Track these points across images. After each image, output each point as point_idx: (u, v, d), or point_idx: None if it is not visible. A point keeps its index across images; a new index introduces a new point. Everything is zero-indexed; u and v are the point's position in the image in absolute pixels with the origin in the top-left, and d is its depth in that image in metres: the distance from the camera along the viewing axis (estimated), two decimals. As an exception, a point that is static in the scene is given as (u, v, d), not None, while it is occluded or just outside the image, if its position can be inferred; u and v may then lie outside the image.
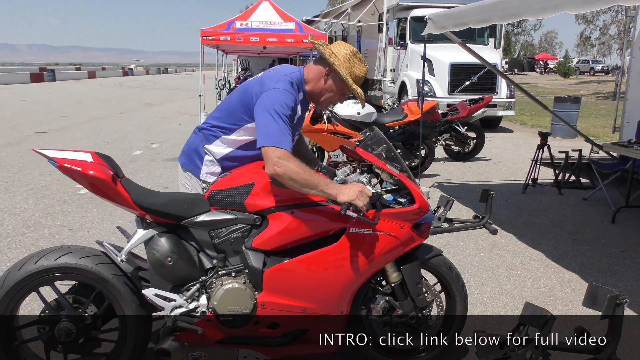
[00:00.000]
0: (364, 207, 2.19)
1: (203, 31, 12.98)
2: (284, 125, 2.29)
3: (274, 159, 2.21)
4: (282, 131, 2.28)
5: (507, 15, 4.57)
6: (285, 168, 2.19)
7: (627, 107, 7.24)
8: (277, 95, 2.35)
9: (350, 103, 7.17)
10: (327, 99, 2.57)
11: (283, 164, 2.20)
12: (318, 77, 2.53)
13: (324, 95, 2.55)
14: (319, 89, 2.54)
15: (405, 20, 13.38)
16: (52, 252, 2.38)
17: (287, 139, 2.29)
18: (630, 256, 4.62)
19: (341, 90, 2.54)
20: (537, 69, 58.07)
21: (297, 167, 2.21)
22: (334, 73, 2.49)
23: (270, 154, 2.22)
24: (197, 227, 2.41)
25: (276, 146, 2.23)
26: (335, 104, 2.63)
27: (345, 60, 2.47)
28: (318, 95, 2.56)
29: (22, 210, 5.64)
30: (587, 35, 39.83)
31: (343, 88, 2.53)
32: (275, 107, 2.31)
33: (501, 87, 12.36)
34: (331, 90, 2.53)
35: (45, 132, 11.58)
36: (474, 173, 8.02)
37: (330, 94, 2.55)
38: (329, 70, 2.50)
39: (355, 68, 2.49)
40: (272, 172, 2.23)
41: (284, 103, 2.34)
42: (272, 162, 2.21)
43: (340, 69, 2.45)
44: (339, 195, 2.21)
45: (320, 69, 2.52)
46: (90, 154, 2.40)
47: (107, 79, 46.21)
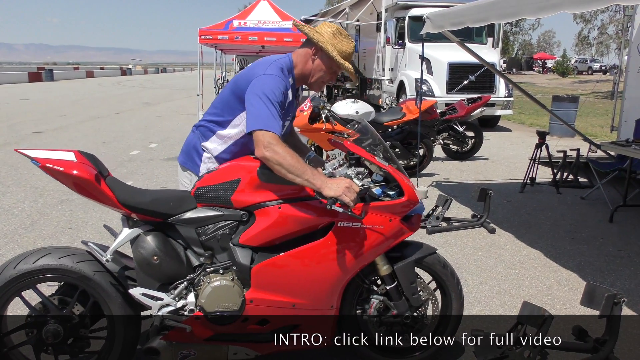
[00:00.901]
0: (351, 203, 2.17)
1: (201, 30, 12.96)
2: (274, 109, 2.29)
3: (263, 142, 2.20)
4: (272, 115, 2.27)
5: (505, 14, 4.56)
6: (274, 152, 2.19)
7: (625, 106, 7.23)
8: (267, 80, 2.35)
9: (348, 102, 7.17)
10: (318, 79, 2.55)
11: (272, 148, 2.19)
12: (306, 58, 2.52)
13: (314, 76, 2.54)
14: (308, 70, 2.53)
15: (403, 20, 13.38)
16: (31, 255, 2.35)
17: (277, 123, 2.28)
18: (627, 255, 4.61)
19: (330, 68, 2.53)
20: (535, 68, 58.05)
21: (286, 153, 2.20)
22: (321, 52, 2.48)
23: (260, 138, 2.22)
24: (183, 224, 2.38)
25: (266, 129, 2.22)
26: (326, 83, 2.60)
27: (330, 37, 2.46)
28: (308, 77, 2.55)
29: (20, 209, 5.63)
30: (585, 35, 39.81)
31: (331, 65, 2.51)
32: (266, 91, 2.30)
33: (499, 87, 12.36)
34: (320, 69, 2.52)
35: (43, 132, 11.55)
36: (472, 172, 8.02)
37: (320, 74, 2.54)
38: (316, 50, 2.49)
39: (341, 44, 2.48)
40: (260, 155, 2.22)
41: (275, 88, 2.33)
42: (262, 145, 2.21)
43: (325, 46, 2.44)
44: (324, 188, 2.18)
45: (307, 51, 2.52)
46: (73, 152, 2.37)
47: (105, 79, 46.17)
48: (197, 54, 13.91)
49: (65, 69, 52.77)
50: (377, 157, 2.42)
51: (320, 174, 2.26)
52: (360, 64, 17.63)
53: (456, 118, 8.35)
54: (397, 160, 2.52)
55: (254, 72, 2.42)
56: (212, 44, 14.29)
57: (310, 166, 2.28)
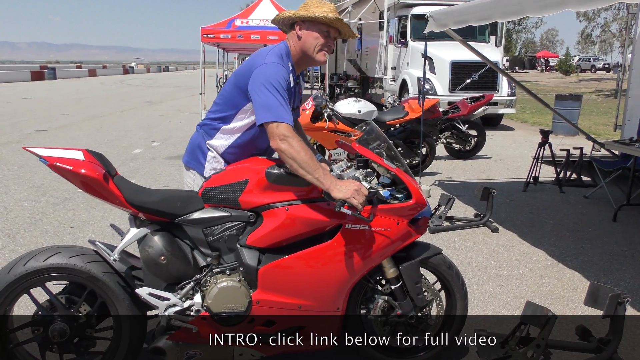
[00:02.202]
0: (359, 206, 2.16)
1: (204, 29, 12.95)
2: (281, 98, 2.28)
3: (279, 134, 2.22)
4: (281, 104, 2.26)
5: (509, 12, 4.55)
6: (290, 145, 2.20)
7: (629, 104, 7.21)
8: (270, 68, 2.33)
9: (350, 101, 7.15)
10: (315, 49, 2.48)
11: (288, 141, 2.20)
12: (294, 37, 2.50)
13: (310, 48, 2.47)
14: (300, 45, 2.48)
15: (406, 18, 13.36)
16: (41, 253, 2.35)
17: (287, 112, 2.27)
18: (631, 254, 4.60)
19: (321, 32, 2.45)
20: (538, 67, 57.97)
21: (301, 148, 2.20)
22: (302, 23, 2.45)
23: (275, 130, 2.23)
24: (190, 224, 2.38)
25: (279, 121, 2.23)
26: (328, 51, 2.51)
27: (303, 6, 2.46)
28: (305, 52, 2.49)
29: (23, 208, 5.63)
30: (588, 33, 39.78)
31: (320, 28, 2.45)
32: (271, 80, 2.29)
33: (502, 85, 12.33)
34: (312, 38, 2.46)
35: (46, 130, 11.57)
36: (475, 171, 8.00)
37: (314, 43, 2.46)
38: (298, 25, 2.46)
39: (317, 8, 2.43)
40: (276, 147, 2.23)
41: (279, 76, 2.32)
42: (277, 137, 2.22)
43: (301, 13, 2.43)
44: (333, 190, 2.18)
45: (292, 32, 2.50)
46: (82, 151, 2.37)
47: (108, 77, 46.22)
48: (199, 52, 13.91)
49: (67, 68, 52.81)
50: (385, 159, 2.41)
51: (331, 175, 2.26)
52: (363, 63, 17.62)
53: (459, 117, 8.33)
54: (404, 163, 2.51)
55: (254, 63, 2.41)
56: (214, 42, 14.29)
57: (322, 165, 2.28)
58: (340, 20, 2.45)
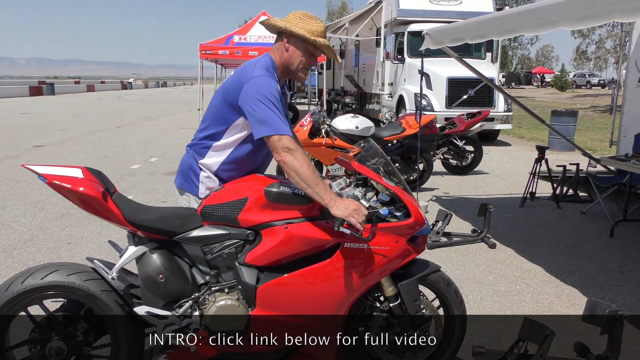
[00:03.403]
0: (358, 225, 2.17)
1: (202, 45, 13.05)
2: (277, 111, 2.31)
3: (282, 146, 2.26)
4: (278, 117, 2.30)
5: (504, 30, 4.60)
6: (294, 158, 2.25)
7: (624, 120, 7.26)
8: (261, 82, 2.36)
9: (348, 117, 7.19)
10: (298, 65, 2.52)
11: (292, 153, 2.25)
12: (281, 49, 2.52)
13: (294, 64, 2.51)
14: (286, 59, 2.51)
15: (402, 35, 13.49)
16: (39, 271, 2.34)
17: (286, 124, 2.31)
18: (629, 270, 4.61)
19: (307, 51, 2.50)
20: (534, 83, 58.39)
21: (304, 161, 2.25)
22: (292, 37, 2.48)
23: (277, 143, 2.27)
24: (189, 242, 2.38)
25: (280, 134, 2.26)
26: (309, 69, 2.58)
27: (297, 21, 2.47)
28: (289, 66, 2.53)
29: (20, 224, 5.62)
30: (583, 49, 40.13)
31: (307, 47, 2.49)
32: (265, 93, 2.31)
33: (498, 101, 12.42)
34: (297, 54, 2.49)
35: (44, 146, 11.58)
36: (472, 187, 8.03)
37: (298, 59, 2.50)
38: (287, 37, 2.49)
39: (310, 25, 2.46)
40: (280, 159, 2.28)
41: (271, 88, 2.35)
42: (281, 149, 2.26)
43: (293, 28, 2.44)
44: (332, 207, 2.20)
45: (280, 42, 2.52)
46: (81, 169, 2.37)
47: (106, 93, 46.34)
48: (197, 68, 14.01)
49: (66, 83, 52.98)
50: (384, 177, 2.42)
51: (331, 191, 2.28)
52: (360, 79, 17.74)
53: (456, 133, 8.37)
54: (403, 181, 2.52)
55: (242, 77, 2.42)
56: (212, 58, 14.39)
57: (323, 181, 2.30)
58: (328, 47, 2.51)
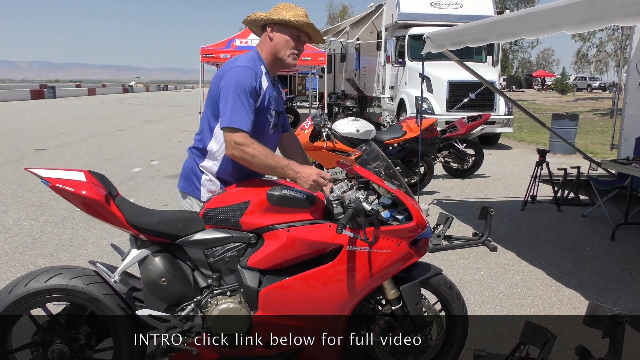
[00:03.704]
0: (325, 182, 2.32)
1: (203, 49, 13.08)
2: (239, 101, 2.35)
3: (231, 142, 2.35)
4: (237, 108, 2.34)
5: (505, 34, 4.61)
6: (242, 153, 2.33)
7: (625, 124, 7.26)
8: (234, 73, 2.41)
9: (349, 120, 7.21)
10: (286, 52, 2.54)
11: (240, 148, 2.33)
12: (265, 40, 2.56)
13: (280, 51, 2.53)
14: (272, 47, 2.54)
15: (403, 39, 13.52)
16: (42, 274, 2.34)
17: (247, 117, 2.35)
18: (630, 274, 4.60)
19: (292, 35, 2.52)
20: (535, 86, 58.42)
21: (255, 152, 2.33)
22: (274, 25, 2.51)
23: (227, 138, 2.35)
24: (191, 245, 2.38)
25: (233, 126, 2.33)
26: (298, 54, 2.58)
27: (278, 10, 2.51)
28: (276, 54, 2.55)
29: (21, 227, 5.63)
30: (584, 53, 40.16)
31: (291, 31, 2.51)
32: (232, 84, 2.37)
33: (499, 104, 12.43)
34: (281, 41, 2.52)
35: (45, 149, 11.60)
36: (473, 190, 8.03)
37: (285, 45, 2.52)
38: (270, 27, 2.52)
39: (290, 11, 2.49)
40: (229, 154, 2.39)
41: (241, 78, 2.38)
42: (230, 145, 2.35)
43: (272, 16, 2.48)
44: (297, 179, 2.36)
45: (264, 34, 2.56)
46: (83, 172, 2.38)
47: (107, 96, 46.38)
48: (198, 71, 14.03)
49: (67, 87, 53.07)
50: (386, 180, 2.43)
51: (291, 164, 2.39)
52: (361, 82, 17.76)
53: (456, 136, 8.39)
54: (405, 184, 2.53)
55: (221, 71, 2.48)
56: (213, 62, 14.41)
57: (282, 159, 2.42)
58: (311, 25, 2.52)
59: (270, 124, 2.56)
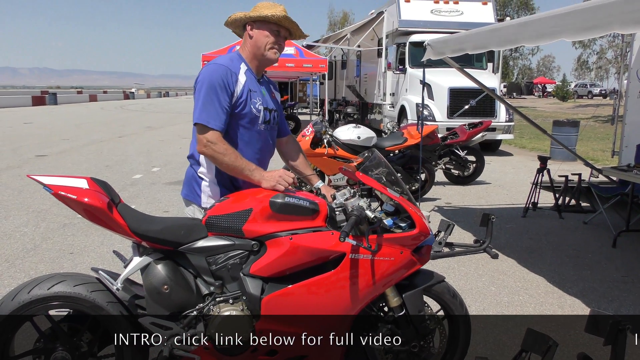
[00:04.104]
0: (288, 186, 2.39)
1: (204, 56, 13.11)
2: (210, 99, 2.41)
3: (202, 140, 2.42)
4: (207, 106, 2.41)
5: (504, 41, 4.63)
6: (213, 151, 2.41)
7: (626, 131, 7.28)
8: (205, 71, 2.48)
9: (350, 127, 7.22)
10: (265, 46, 2.58)
11: (212, 147, 2.40)
12: (246, 39, 2.63)
13: (260, 47, 2.58)
14: (253, 45, 2.60)
15: (404, 46, 13.55)
16: (46, 281, 2.34)
17: (218, 115, 2.42)
18: (631, 281, 4.60)
19: (271, 31, 2.57)
20: (536, 93, 58.48)
21: (226, 151, 2.42)
22: (253, 23, 2.57)
23: (199, 135, 2.43)
24: (194, 253, 2.38)
25: (203, 124, 2.40)
26: (280, 50, 2.65)
27: (255, 8, 2.58)
28: (257, 51, 2.60)
29: (22, 234, 5.63)
30: (584, 60, 40.24)
31: (270, 27, 2.57)
32: (205, 82, 2.44)
33: (500, 111, 12.45)
34: (261, 36, 2.57)
35: (46, 155, 11.62)
36: (474, 197, 8.03)
37: (263, 41, 2.57)
38: (250, 25, 2.58)
39: (268, 9, 2.55)
40: (200, 151, 2.47)
41: (212, 75, 2.44)
42: (201, 143, 2.43)
43: (251, 13, 2.55)
44: (262, 182, 2.43)
45: (245, 33, 2.63)
46: (86, 180, 2.38)
47: (109, 102, 46.51)
48: (200, 78, 14.05)
49: (68, 93, 53.18)
50: (389, 188, 2.43)
51: (258, 169, 2.46)
52: (362, 89, 17.80)
53: (457, 143, 8.40)
54: (407, 191, 2.53)
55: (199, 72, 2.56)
56: (215, 69, 14.43)
57: (250, 163, 2.47)
58: (288, 19, 2.57)
59: (259, 118, 2.59)
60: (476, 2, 14.52)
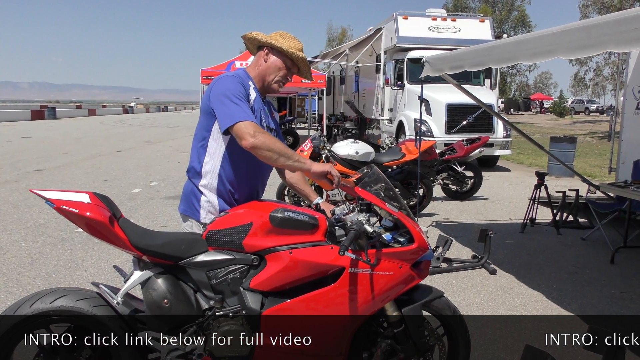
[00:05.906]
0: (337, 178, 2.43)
1: (204, 71, 13.20)
2: (242, 103, 2.40)
3: (249, 131, 2.32)
4: (242, 108, 2.38)
5: (502, 59, 4.68)
6: (263, 139, 2.33)
7: (622, 147, 7.32)
8: (223, 82, 2.47)
9: (348, 142, 7.26)
10: (274, 78, 2.62)
11: (259, 136, 2.33)
12: (259, 60, 2.63)
13: (270, 75, 2.61)
14: (263, 69, 2.61)
15: (402, 62, 13.66)
16: (48, 295, 2.34)
17: (250, 114, 2.39)
18: (630, 297, 4.59)
19: (285, 64, 2.61)
20: (533, 109, 58.82)
21: (273, 138, 2.39)
22: (272, 50, 2.59)
23: (243, 130, 2.33)
24: (194, 267, 2.39)
25: (245, 120, 2.34)
26: (284, 82, 2.67)
27: (278, 37, 2.60)
28: (265, 77, 2.62)
29: (20, 248, 5.62)
30: (581, 76, 40.51)
31: (285, 61, 2.60)
32: (226, 92, 2.41)
33: (497, 127, 12.51)
34: (274, 66, 2.60)
35: (45, 170, 11.62)
36: (472, 212, 8.04)
37: (275, 72, 2.61)
38: (267, 50, 2.60)
39: (290, 41, 2.59)
40: (249, 144, 2.33)
41: (232, 86, 2.43)
42: (248, 134, 2.32)
43: (273, 41, 2.56)
44: (313, 166, 2.43)
45: (260, 53, 2.63)
46: (88, 194, 2.39)
47: (108, 117, 46.59)
48: (199, 93, 14.13)
49: (67, 107, 53.34)
50: (388, 203, 2.44)
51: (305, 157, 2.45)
52: (360, 104, 17.90)
53: (455, 158, 8.43)
54: (406, 206, 2.54)
55: (210, 86, 2.56)
56: (214, 84, 14.53)
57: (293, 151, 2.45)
58: (304, 61, 2.62)
59: None
60: (474, 19, 14.69)
